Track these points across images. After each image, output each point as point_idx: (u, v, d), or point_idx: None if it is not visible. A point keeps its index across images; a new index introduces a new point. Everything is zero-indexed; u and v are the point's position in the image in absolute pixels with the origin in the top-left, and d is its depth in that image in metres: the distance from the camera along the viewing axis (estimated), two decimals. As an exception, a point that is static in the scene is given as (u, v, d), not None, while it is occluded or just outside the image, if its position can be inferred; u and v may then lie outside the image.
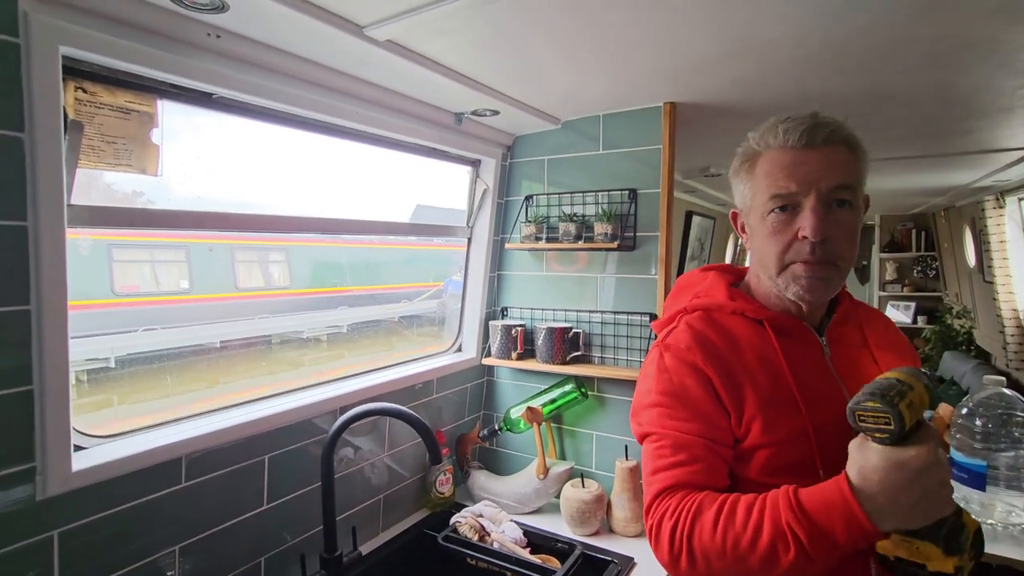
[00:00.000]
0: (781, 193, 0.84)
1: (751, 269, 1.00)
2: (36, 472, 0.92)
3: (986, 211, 3.75)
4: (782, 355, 0.88)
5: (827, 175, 0.83)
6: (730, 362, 0.88)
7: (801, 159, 0.84)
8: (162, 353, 1.54)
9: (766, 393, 0.86)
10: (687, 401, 0.87)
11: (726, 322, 0.93)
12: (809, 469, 0.82)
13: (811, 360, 0.90)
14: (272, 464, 1.32)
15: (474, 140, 1.82)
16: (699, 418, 0.86)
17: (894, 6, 1.04)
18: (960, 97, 1.65)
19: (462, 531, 1.57)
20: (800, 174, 0.83)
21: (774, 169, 0.86)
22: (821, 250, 0.82)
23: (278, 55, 1.16)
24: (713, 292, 0.98)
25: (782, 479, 0.79)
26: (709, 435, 0.85)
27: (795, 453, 0.83)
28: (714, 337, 0.90)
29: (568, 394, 1.79)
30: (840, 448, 0.79)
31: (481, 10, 1.03)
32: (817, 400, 0.86)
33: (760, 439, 0.84)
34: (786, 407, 0.85)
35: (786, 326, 0.91)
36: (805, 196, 0.83)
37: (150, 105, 1.03)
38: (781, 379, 0.87)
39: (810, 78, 1.45)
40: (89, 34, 0.89)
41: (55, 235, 0.89)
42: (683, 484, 0.83)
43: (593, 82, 1.50)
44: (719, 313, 0.95)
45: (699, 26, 1.13)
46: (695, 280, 1.06)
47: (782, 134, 0.85)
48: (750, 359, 0.88)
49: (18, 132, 0.84)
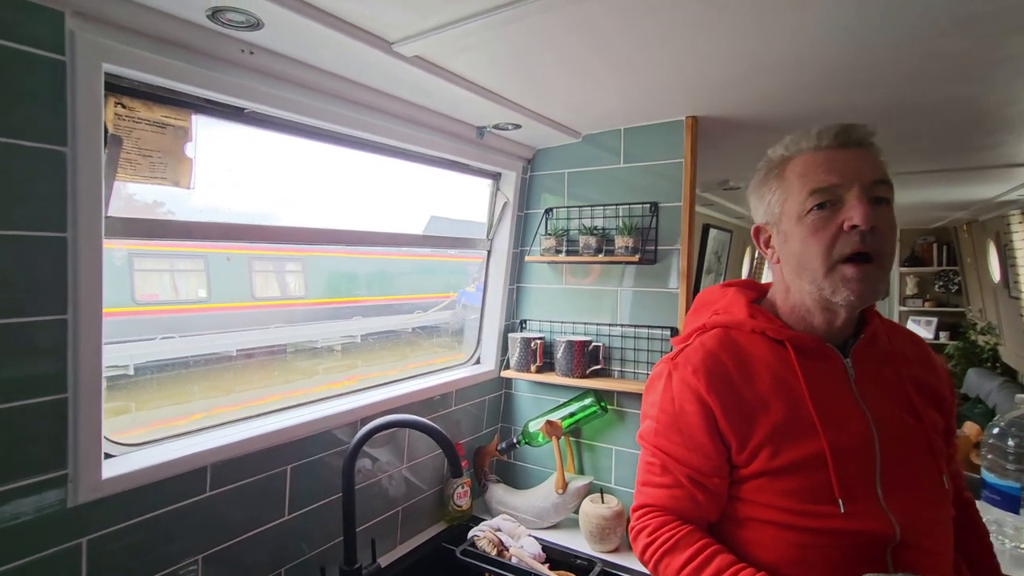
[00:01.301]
0: (822, 187, 0.82)
1: (775, 285, 0.97)
2: (68, 479, 0.93)
3: (1011, 225, 3.68)
4: (802, 377, 0.86)
5: (868, 169, 0.82)
6: (739, 387, 0.86)
7: (839, 156, 0.83)
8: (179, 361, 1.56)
9: (780, 417, 0.84)
10: (683, 427, 0.88)
11: (745, 341, 0.91)
12: (826, 494, 0.80)
13: (833, 382, 0.87)
14: (294, 474, 1.32)
15: (495, 153, 1.83)
16: (691, 447, 0.87)
17: (925, 22, 1.04)
18: (986, 111, 1.63)
19: (480, 545, 1.56)
20: (839, 168, 0.82)
21: (809, 169, 0.84)
22: (872, 239, 0.79)
23: (308, 71, 1.18)
24: (733, 309, 0.96)
25: (794, 503, 0.80)
26: (696, 465, 0.87)
27: (812, 477, 0.81)
28: (727, 359, 0.89)
29: (587, 408, 1.78)
30: (859, 473, 0.80)
31: (502, 29, 1.05)
32: (837, 423, 0.83)
33: (766, 465, 0.83)
34: (803, 430, 0.83)
35: (809, 346, 0.88)
36: (848, 189, 0.81)
37: (185, 120, 1.06)
38: (800, 402, 0.85)
39: (834, 93, 1.45)
40: (131, 51, 0.92)
41: (93, 246, 0.91)
42: (665, 508, 0.90)
43: (613, 97, 1.50)
44: (738, 331, 0.93)
45: (722, 44, 1.14)
46: (715, 296, 1.03)
47: (815, 137, 0.85)
48: (766, 382, 0.87)
49: (61, 146, 0.87)
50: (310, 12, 0.95)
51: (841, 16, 1.01)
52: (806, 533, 0.80)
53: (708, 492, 0.87)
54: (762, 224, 0.95)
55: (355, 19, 1.01)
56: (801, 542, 0.81)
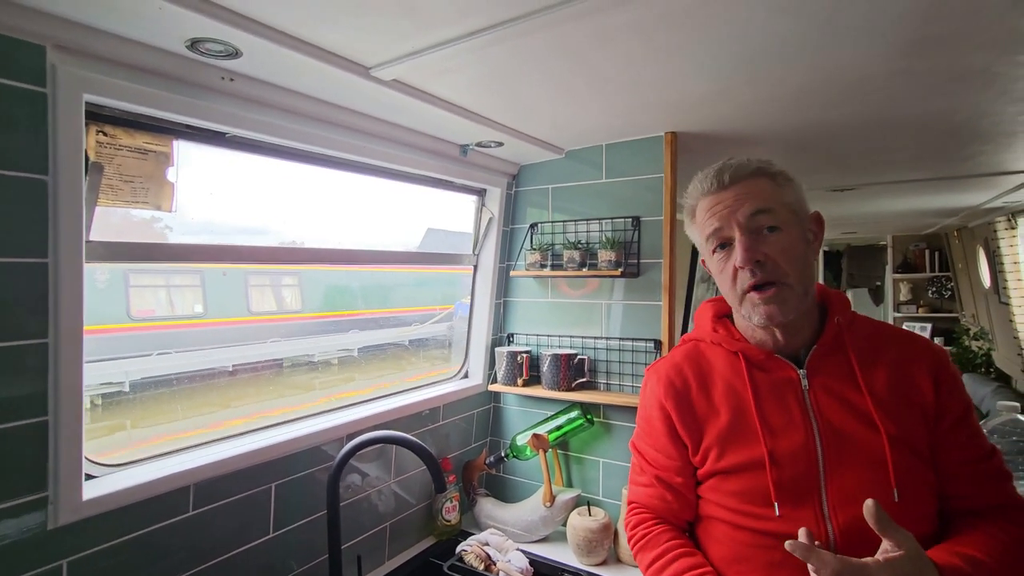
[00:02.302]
0: (711, 232, 0.93)
1: None
2: (48, 501, 0.94)
3: (998, 232, 3.71)
4: (750, 386, 0.93)
5: (742, 206, 0.89)
6: (694, 395, 0.97)
7: (720, 198, 0.92)
8: (175, 377, 1.57)
9: (726, 423, 0.92)
10: (651, 431, 1.01)
11: (708, 353, 1.01)
12: (764, 496, 0.86)
13: (781, 391, 0.92)
14: (279, 492, 1.33)
15: (479, 170, 1.86)
16: (657, 448, 1.00)
17: (882, 42, 1.07)
18: (961, 124, 1.66)
19: (468, 560, 1.56)
20: (720, 211, 0.91)
21: (702, 214, 0.95)
22: (761, 272, 0.87)
23: (288, 95, 1.21)
24: (701, 322, 1.05)
25: (737, 503, 0.89)
26: (662, 465, 0.99)
27: (750, 480, 0.88)
28: (687, 369, 0.99)
29: (574, 421, 1.79)
30: (799, 479, 0.85)
31: (480, 53, 1.08)
32: (779, 431, 0.89)
33: (714, 466, 0.92)
34: (747, 436, 0.90)
35: (759, 358, 0.94)
36: (731, 230, 0.90)
37: (166, 145, 1.08)
38: (746, 409, 0.92)
39: (809, 109, 1.48)
40: (111, 82, 0.94)
41: (73, 271, 0.93)
42: (644, 505, 1.02)
43: (594, 115, 1.53)
44: (704, 344, 1.03)
45: (699, 64, 1.17)
46: (701, 310, 1.10)
47: (700, 183, 0.96)
48: (719, 390, 0.95)
49: (42, 175, 0.89)
50: (286, 41, 0.98)
51: (810, 36, 1.04)
52: (748, 532, 0.87)
53: (674, 491, 0.98)
54: None
55: (332, 46, 1.04)
56: (745, 541, 0.88)
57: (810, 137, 1.77)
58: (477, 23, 0.97)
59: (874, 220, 4.74)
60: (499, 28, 0.97)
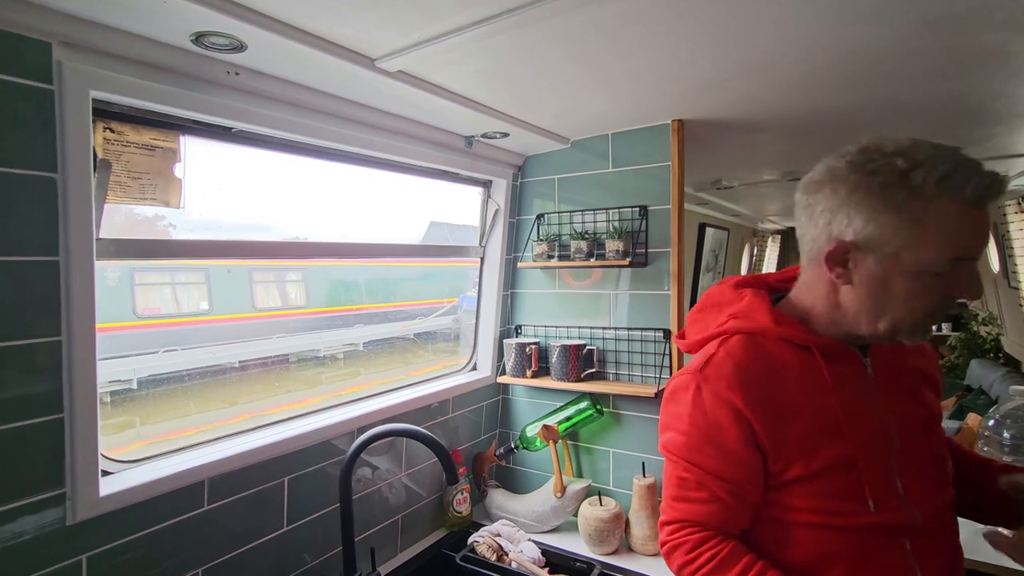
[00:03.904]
0: (963, 256, 0.76)
1: (815, 291, 0.90)
2: (66, 497, 0.95)
3: (1008, 216, 3.67)
4: (830, 381, 0.86)
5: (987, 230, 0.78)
6: (774, 397, 0.85)
7: (981, 218, 0.76)
8: (183, 374, 1.58)
9: (810, 424, 0.84)
10: (719, 442, 0.86)
11: (770, 347, 0.89)
12: (856, 493, 0.82)
13: (856, 383, 0.88)
14: (292, 486, 1.34)
15: (485, 162, 1.85)
16: (727, 460, 0.86)
17: (896, 23, 1.05)
18: (972, 106, 1.64)
19: (480, 551, 1.57)
20: (981, 236, 0.77)
21: (958, 229, 0.75)
22: None
23: (293, 88, 1.21)
24: (754, 315, 0.92)
25: (827, 503, 0.83)
26: (734, 478, 0.86)
27: (840, 478, 0.82)
28: (758, 369, 0.87)
29: (583, 411, 1.79)
30: (883, 468, 0.84)
31: (485, 43, 1.07)
32: (862, 424, 0.85)
33: (803, 471, 0.83)
34: (833, 434, 0.83)
35: (836, 352, 0.88)
36: (977, 255, 0.78)
37: (173, 141, 1.08)
38: (828, 406, 0.85)
39: (818, 93, 1.46)
40: (117, 78, 0.94)
41: (84, 269, 0.93)
42: (702, 523, 0.88)
43: (599, 104, 1.52)
44: (763, 338, 0.90)
45: (703, 50, 1.15)
46: (728, 297, 0.99)
47: (962, 182, 0.73)
48: (795, 388, 0.86)
49: (51, 173, 0.89)
50: (292, 33, 0.97)
51: (818, 19, 1.03)
52: (837, 531, 0.83)
53: (745, 503, 0.87)
54: (850, 242, 0.81)
55: (337, 38, 1.03)
56: (833, 539, 0.83)
57: (818, 122, 1.75)
58: (482, 12, 0.96)
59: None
60: (504, 17, 0.96)
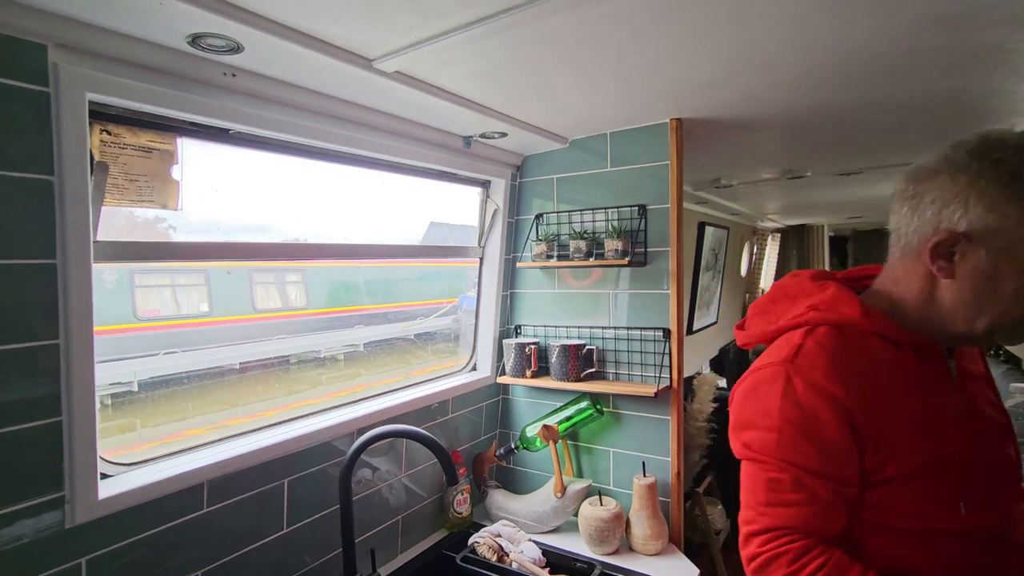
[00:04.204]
0: None
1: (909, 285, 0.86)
2: (65, 500, 0.95)
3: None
4: (920, 380, 0.83)
5: None
6: (871, 389, 0.81)
7: None
8: (183, 376, 1.57)
9: (903, 423, 0.80)
10: (817, 436, 0.80)
11: (859, 342, 0.85)
12: (946, 496, 0.79)
13: (943, 383, 0.85)
14: (291, 487, 1.34)
15: (483, 162, 1.85)
16: (828, 456, 0.80)
17: (895, 22, 1.05)
18: (972, 104, 1.63)
19: (480, 552, 1.57)
20: None
21: None
22: None
23: (290, 89, 1.20)
24: (841, 307, 0.87)
25: (919, 507, 0.79)
26: (836, 475, 0.80)
27: (933, 480, 0.79)
28: (853, 360, 0.82)
29: (583, 411, 1.79)
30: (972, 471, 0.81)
31: (482, 43, 1.07)
32: (951, 425, 0.82)
33: (896, 471, 0.79)
34: (924, 437, 0.80)
35: (925, 350, 0.84)
36: None
37: (170, 143, 1.07)
38: (919, 407, 0.81)
39: (816, 92, 1.46)
40: (114, 80, 0.93)
41: (82, 272, 0.93)
42: (801, 528, 0.80)
43: (598, 103, 1.52)
44: (851, 331, 0.85)
45: (699, 49, 1.15)
46: (807, 289, 0.95)
47: None
48: (887, 385, 0.82)
49: (48, 175, 0.89)
50: (288, 34, 0.97)
51: (816, 17, 1.02)
52: (929, 536, 0.80)
53: (847, 503, 0.81)
54: (962, 233, 0.77)
55: (333, 39, 1.03)
56: (924, 544, 0.80)
57: (817, 120, 1.75)
58: (479, 12, 0.95)
59: (880, 204, 4.70)
60: (500, 17, 0.96)
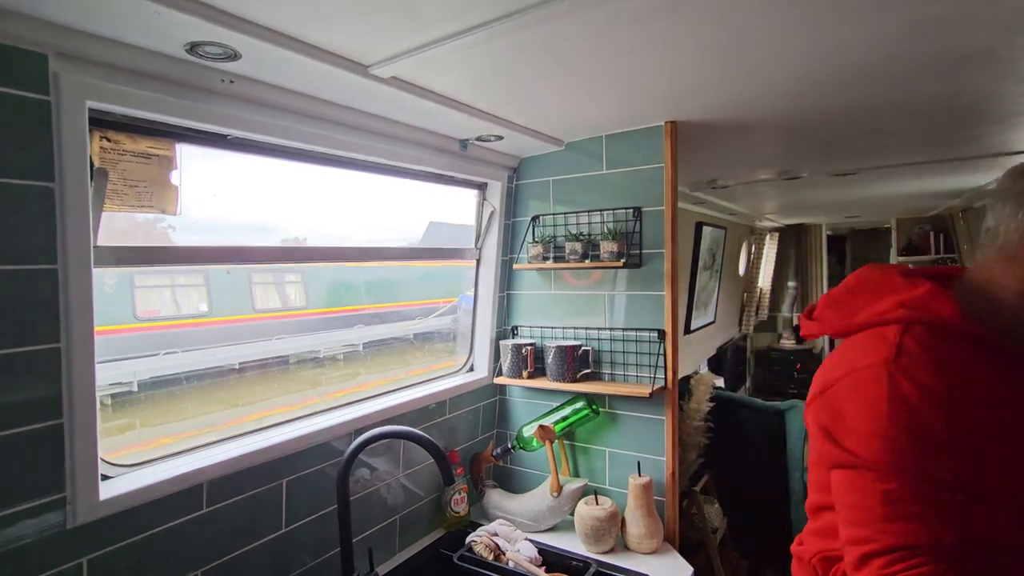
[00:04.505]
0: None
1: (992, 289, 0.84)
2: (66, 501, 0.96)
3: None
4: (1016, 388, 0.79)
5: None
6: (974, 392, 0.77)
7: None
8: (183, 376, 1.59)
9: (1002, 431, 0.76)
10: (932, 441, 0.74)
11: (954, 344, 0.80)
12: None
13: None
14: (290, 487, 1.35)
15: (480, 164, 1.86)
16: (945, 458, 0.74)
17: (883, 27, 1.06)
18: (965, 105, 1.65)
19: (477, 550, 1.59)
20: None
21: None
22: None
23: (288, 95, 1.22)
24: (936, 306, 0.83)
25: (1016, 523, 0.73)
26: (954, 479, 0.74)
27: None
28: (956, 361, 0.78)
29: (579, 411, 1.81)
30: None
31: (477, 49, 1.08)
32: None
33: (998, 484, 0.74)
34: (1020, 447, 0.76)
35: (1013, 352, 0.80)
36: None
37: (169, 149, 1.09)
38: (1009, 417, 0.77)
39: (810, 95, 1.47)
40: (113, 88, 0.95)
41: (82, 276, 0.95)
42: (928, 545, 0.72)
43: (593, 107, 1.53)
44: (945, 333, 0.81)
45: (691, 54, 1.16)
46: (895, 284, 0.90)
47: None
48: (988, 392, 0.77)
49: (49, 182, 0.90)
50: (284, 42, 0.98)
51: (807, 22, 1.04)
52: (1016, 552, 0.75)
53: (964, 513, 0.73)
54: None
55: (330, 46, 1.04)
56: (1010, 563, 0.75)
57: (812, 123, 1.76)
58: (473, 19, 0.97)
59: (877, 204, 4.71)
60: (495, 24, 0.97)
